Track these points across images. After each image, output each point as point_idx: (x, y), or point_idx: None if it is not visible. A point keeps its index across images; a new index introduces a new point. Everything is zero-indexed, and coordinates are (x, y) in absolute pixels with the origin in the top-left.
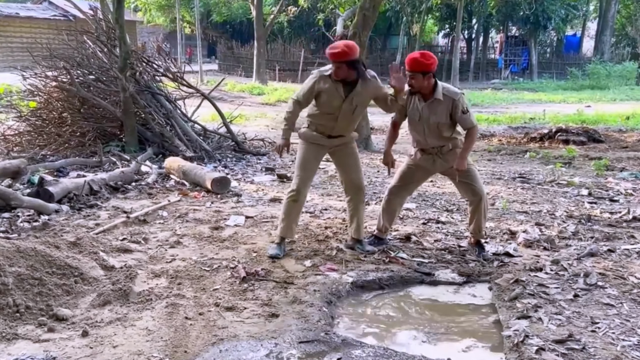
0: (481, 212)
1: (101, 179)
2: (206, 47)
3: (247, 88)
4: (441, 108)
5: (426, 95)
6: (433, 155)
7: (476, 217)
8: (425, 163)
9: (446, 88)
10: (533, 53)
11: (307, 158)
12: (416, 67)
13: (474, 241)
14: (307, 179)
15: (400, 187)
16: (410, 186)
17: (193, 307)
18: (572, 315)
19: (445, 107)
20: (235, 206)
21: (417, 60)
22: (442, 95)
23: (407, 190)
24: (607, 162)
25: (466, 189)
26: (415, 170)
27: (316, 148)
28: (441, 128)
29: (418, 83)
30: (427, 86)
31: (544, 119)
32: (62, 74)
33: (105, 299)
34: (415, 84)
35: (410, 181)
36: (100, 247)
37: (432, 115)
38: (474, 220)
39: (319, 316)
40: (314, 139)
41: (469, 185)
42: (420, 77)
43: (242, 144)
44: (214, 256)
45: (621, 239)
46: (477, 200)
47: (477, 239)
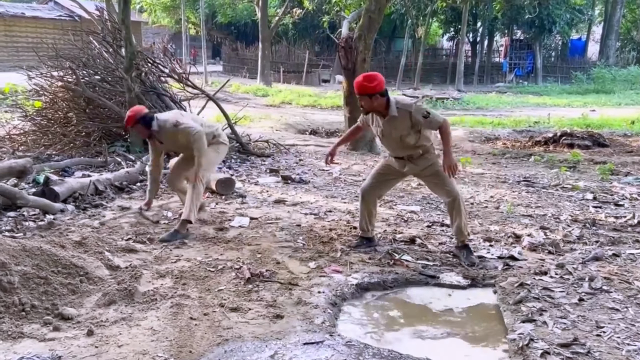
0: (459, 212)
1: (106, 179)
2: (211, 48)
3: (251, 89)
4: (400, 122)
5: (382, 113)
6: (405, 160)
7: (455, 218)
8: (397, 165)
9: (400, 102)
10: (538, 57)
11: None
12: (361, 90)
13: (459, 244)
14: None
15: (373, 187)
16: (383, 186)
17: (198, 308)
18: (577, 319)
19: (403, 120)
20: (240, 207)
21: (361, 84)
22: (396, 111)
23: (380, 189)
24: (612, 166)
25: (439, 191)
26: (388, 171)
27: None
28: (405, 140)
29: (367, 104)
30: (377, 106)
31: (549, 122)
32: (67, 74)
33: (110, 299)
34: (365, 105)
35: (382, 180)
36: (106, 246)
37: (393, 131)
38: (454, 222)
39: (324, 318)
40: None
41: (441, 187)
42: (368, 99)
43: (247, 145)
44: (218, 257)
45: (626, 244)
46: (452, 200)
47: (462, 241)
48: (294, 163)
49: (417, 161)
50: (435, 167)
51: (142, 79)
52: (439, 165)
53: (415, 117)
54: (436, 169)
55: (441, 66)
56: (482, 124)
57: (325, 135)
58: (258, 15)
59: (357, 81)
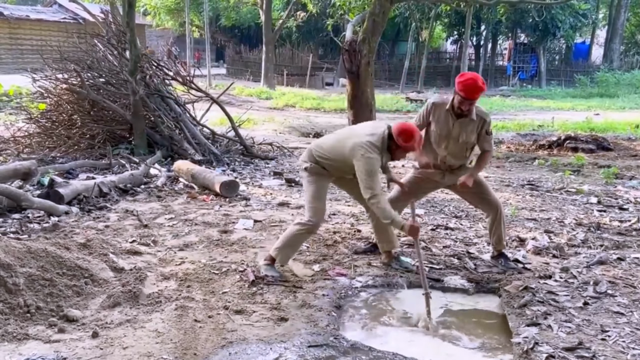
0: (501, 222)
1: (110, 181)
2: (214, 51)
3: (255, 92)
4: (472, 127)
5: (463, 114)
6: (443, 171)
7: (496, 229)
8: (434, 176)
9: (478, 109)
10: (542, 60)
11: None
12: (477, 94)
13: (497, 253)
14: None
15: (402, 199)
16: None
17: (202, 310)
18: (582, 323)
19: (475, 126)
20: (244, 210)
21: (480, 88)
22: (475, 115)
23: (407, 201)
24: (617, 170)
25: (481, 202)
26: (422, 182)
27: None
28: (466, 147)
29: (472, 108)
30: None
31: (553, 126)
32: (72, 77)
33: (115, 301)
34: (469, 109)
35: (414, 192)
36: (110, 249)
37: (462, 134)
38: (494, 232)
39: (328, 320)
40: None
41: (483, 197)
42: (475, 102)
43: (251, 148)
44: (222, 259)
45: (631, 247)
46: (494, 211)
47: (499, 250)
48: (298, 166)
49: (456, 171)
50: (475, 176)
51: (146, 81)
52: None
53: (486, 128)
54: (477, 178)
55: (445, 69)
56: None
57: None
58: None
59: (475, 85)
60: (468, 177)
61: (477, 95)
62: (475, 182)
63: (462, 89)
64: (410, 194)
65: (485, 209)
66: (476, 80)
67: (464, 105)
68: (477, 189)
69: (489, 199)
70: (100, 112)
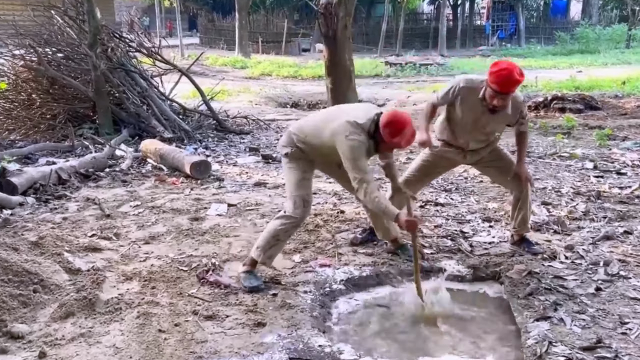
0: (526, 201)
1: (70, 167)
2: (187, 20)
3: (229, 62)
4: (505, 117)
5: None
6: (464, 150)
7: (519, 209)
8: (454, 155)
9: (515, 97)
10: (520, 18)
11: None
12: (513, 88)
13: (519, 238)
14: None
15: (417, 179)
16: (428, 178)
17: (168, 317)
18: (597, 313)
19: (508, 117)
20: (217, 192)
21: (517, 80)
22: (511, 106)
23: (423, 182)
24: (610, 131)
25: (505, 177)
26: (439, 161)
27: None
28: (493, 134)
29: (507, 102)
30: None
31: (537, 86)
32: (29, 53)
33: (67, 310)
34: (505, 104)
35: (430, 173)
36: (66, 246)
37: (493, 125)
38: (519, 214)
39: (311, 323)
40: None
41: (507, 171)
42: (511, 96)
43: (224, 122)
44: (192, 253)
45: (636, 218)
46: (521, 188)
47: (521, 234)
48: (275, 140)
49: (479, 151)
50: (499, 151)
51: (108, 55)
52: (502, 149)
53: (522, 112)
54: (501, 153)
55: (423, 31)
56: None
57: (307, 107)
58: None
59: (508, 75)
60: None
61: (513, 89)
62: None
63: (495, 80)
64: (426, 174)
65: (510, 186)
66: (512, 71)
67: (496, 100)
68: (502, 163)
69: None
70: (60, 90)
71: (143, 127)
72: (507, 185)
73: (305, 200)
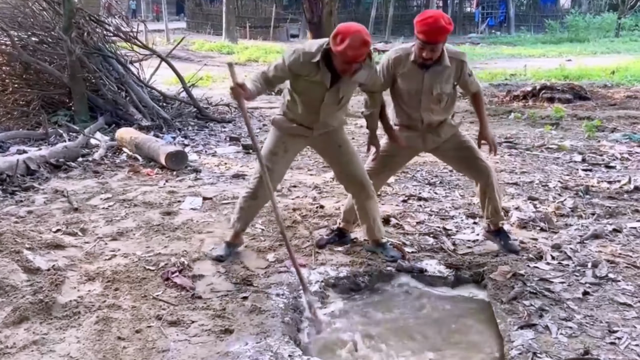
0: (494, 190)
1: (40, 157)
2: (174, 4)
3: (216, 47)
4: (447, 75)
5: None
6: (422, 132)
7: (489, 198)
8: (412, 141)
9: (450, 50)
10: (510, 6)
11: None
12: (441, 37)
13: (494, 228)
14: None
15: (376, 171)
16: (392, 167)
17: (129, 322)
18: (585, 320)
19: (450, 72)
20: (193, 185)
21: (444, 28)
22: (448, 60)
23: (388, 173)
24: (599, 122)
25: (469, 167)
26: (397, 150)
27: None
28: (443, 99)
29: (436, 54)
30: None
31: (526, 75)
32: (2, 36)
33: (21, 315)
34: (434, 55)
35: (388, 163)
36: (26, 243)
37: (435, 85)
38: (487, 202)
39: (282, 330)
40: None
41: (471, 161)
42: (440, 47)
43: (205, 110)
44: (161, 250)
45: (625, 214)
46: (485, 177)
47: (497, 224)
48: (257, 129)
49: (439, 130)
50: (461, 137)
51: (84, 39)
52: (464, 135)
53: (464, 70)
54: (462, 139)
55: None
56: None
57: None
58: None
59: (437, 25)
60: (485, 131)
61: (440, 38)
62: (461, 144)
63: (420, 30)
64: (384, 165)
65: (474, 176)
66: (438, 19)
67: (425, 52)
68: (465, 152)
69: (478, 164)
70: (35, 76)
71: (120, 115)
72: (471, 176)
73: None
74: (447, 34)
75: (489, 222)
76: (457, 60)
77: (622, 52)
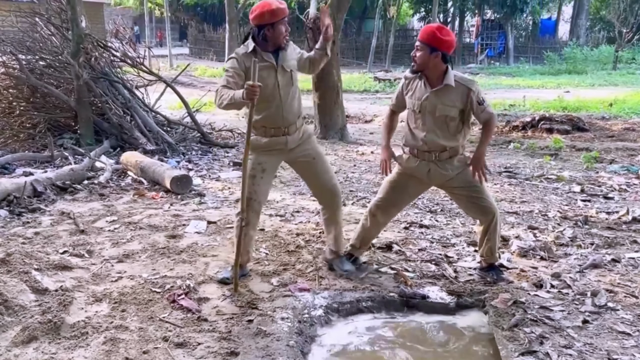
0: (495, 232)
1: (47, 179)
2: (177, 30)
3: (218, 73)
4: (452, 98)
5: (433, 81)
6: (428, 161)
7: (488, 239)
8: (419, 171)
9: (459, 76)
10: (509, 37)
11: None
12: (427, 38)
13: (487, 265)
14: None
15: (389, 202)
16: (401, 201)
17: (137, 343)
18: (584, 348)
19: (456, 97)
20: (197, 208)
21: (432, 31)
22: (453, 81)
23: (397, 206)
24: (598, 154)
25: (474, 207)
26: (408, 180)
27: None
28: (449, 123)
29: (422, 58)
30: (433, 67)
31: (524, 105)
32: (11, 60)
33: (30, 335)
34: (419, 59)
35: (401, 194)
36: (35, 264)
37: (439, 106)
38: (486, 244)
39: (287, 353)
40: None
41: (477, 200)
42: (427, 52)
43: (209, 135)
44: (167, 273)
45: (623, 245)
46: (489, 219)
47: (490, 263)
48: None
49: (446, 164)
50: (469, 177)
51: (91, 64)
52: (470, 174)
53: (472, 98)
54: (470, 179)
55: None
56: None
57: None
58: None
59: (429, 27)
60: (477, 157)
61: (424, 36)
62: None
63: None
64: (394, 195)
65: (478, 216)
66: (433, 25)
67: (418, 53)
68: (472, 192)
69: (484, 205)
70: (42, 99)
71: (125, 139)
72: (475, 215)
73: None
74: (434, 39)
75: (483, 260)
76: (464, 86)
77: (620, 85)
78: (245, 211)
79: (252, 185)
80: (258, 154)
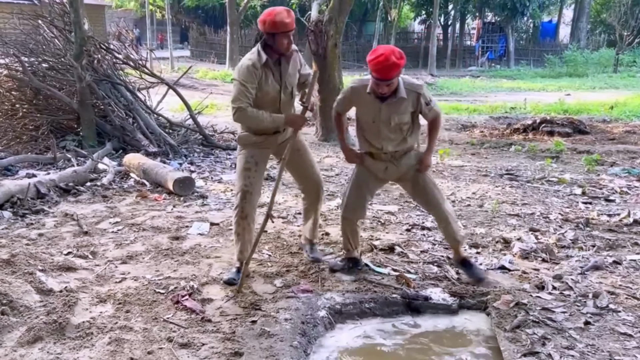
0: (450, 222)
1: (50, 180)
2: (178, 32)
3: (219, 75)
4: (404, 106)
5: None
6: (385, 161)
7: (444, 228)
8: (376, 170)
9: (408, 82)
10: (510, 40)
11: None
12: (393, 73)
13: (458, 257)
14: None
15: (357, 204)
16: (366, 199)
17: (141, 344)
18: (586, 349)
19: (408, 103)
20: (200, 210)
21: (394, 64)
22: (405, 92)
23: (364, 205)
24: (599, 157)
25: (422, 197)
26: (368, 175)
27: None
28: (402, 128)
29: (392, 88)
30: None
31: (525, 108)
32: (14, 62)
33: (36, 335)
34: (388, 90)
35: (364, 193)
36: (39, 265)
37: (393, 116)
38: (444, 231)
39: (291, 353)
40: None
41: (424, 193)
42: (396, 81)
43: (211, 137)
44: (171, 274)
45: (625, 247)
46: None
47: (459, 252)
48: None
49: (400, 160)
50: (423, 178)
51: (94, 66)
52: (428, 178)
53: (421, 101)
54: (425, 180)
55: (413, 50)
56: (458, 110)
57: None
58: None
59: (388, 63)
60: (426, 156)
61: (392, 74)
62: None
63: (373, 69)
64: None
65: (427, 208)
66: (388, 57)
67: (380, 88)
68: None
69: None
70: (44, 101)
71: (128, 141)
72: (424, 207)
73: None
74: (399, 69)
75: (453, 250)
76: (414, 92)
77: (621, 88)
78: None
79: (248, 177)
80: (249, 148)
